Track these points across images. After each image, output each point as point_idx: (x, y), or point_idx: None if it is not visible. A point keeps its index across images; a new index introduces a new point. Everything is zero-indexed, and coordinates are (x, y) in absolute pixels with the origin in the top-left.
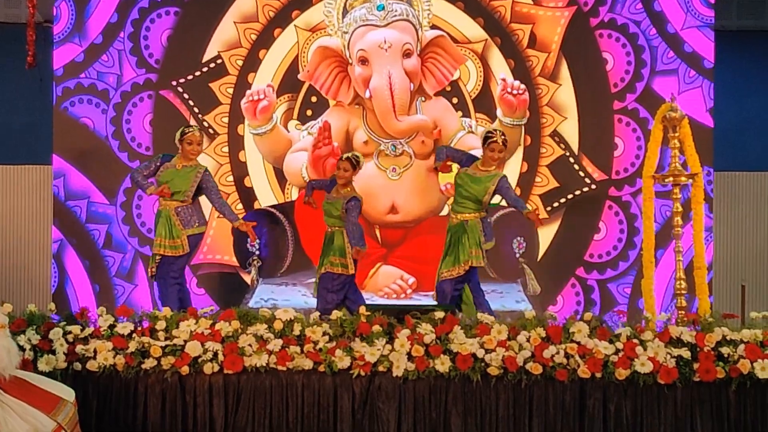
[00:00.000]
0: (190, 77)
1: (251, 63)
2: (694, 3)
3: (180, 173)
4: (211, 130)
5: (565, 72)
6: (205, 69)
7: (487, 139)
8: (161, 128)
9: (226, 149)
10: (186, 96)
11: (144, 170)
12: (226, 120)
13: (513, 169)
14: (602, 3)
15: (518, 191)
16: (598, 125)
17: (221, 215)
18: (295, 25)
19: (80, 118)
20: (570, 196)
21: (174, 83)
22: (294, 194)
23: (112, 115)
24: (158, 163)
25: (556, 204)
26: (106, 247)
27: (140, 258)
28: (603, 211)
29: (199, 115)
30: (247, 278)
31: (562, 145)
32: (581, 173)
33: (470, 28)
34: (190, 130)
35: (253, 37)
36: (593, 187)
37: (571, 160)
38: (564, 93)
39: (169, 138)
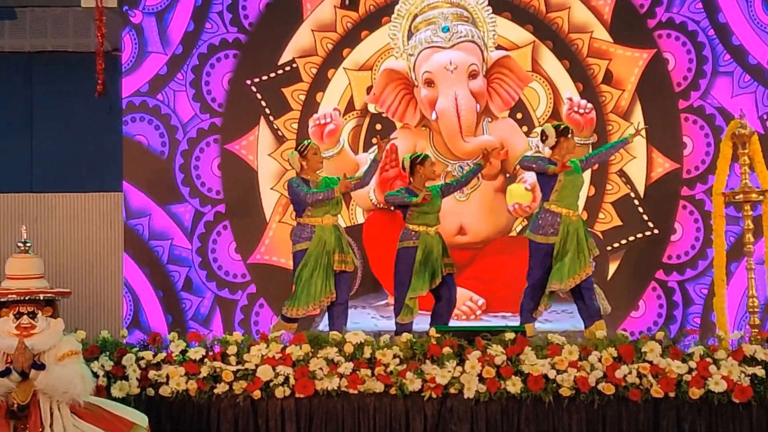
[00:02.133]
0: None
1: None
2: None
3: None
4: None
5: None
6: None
7: (565, 131)
8: (229, 172)
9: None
10: (259, 96)
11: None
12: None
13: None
14: (658, 3)
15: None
16: (665, 127)
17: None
18: (344, 68)
19: (146, 145)
20: (631, 238)
21: (248, 82)
22: (359, 216)
23: (180, 162)
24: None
25: (616, 245)
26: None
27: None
28: (677, 211)
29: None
30: None
31: (624, 179)
32: (645, 216)
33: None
34: (308, 142)
35: (314, 71)
36: (656, 231)
37: (636, 202)
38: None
39: (237, 180)
